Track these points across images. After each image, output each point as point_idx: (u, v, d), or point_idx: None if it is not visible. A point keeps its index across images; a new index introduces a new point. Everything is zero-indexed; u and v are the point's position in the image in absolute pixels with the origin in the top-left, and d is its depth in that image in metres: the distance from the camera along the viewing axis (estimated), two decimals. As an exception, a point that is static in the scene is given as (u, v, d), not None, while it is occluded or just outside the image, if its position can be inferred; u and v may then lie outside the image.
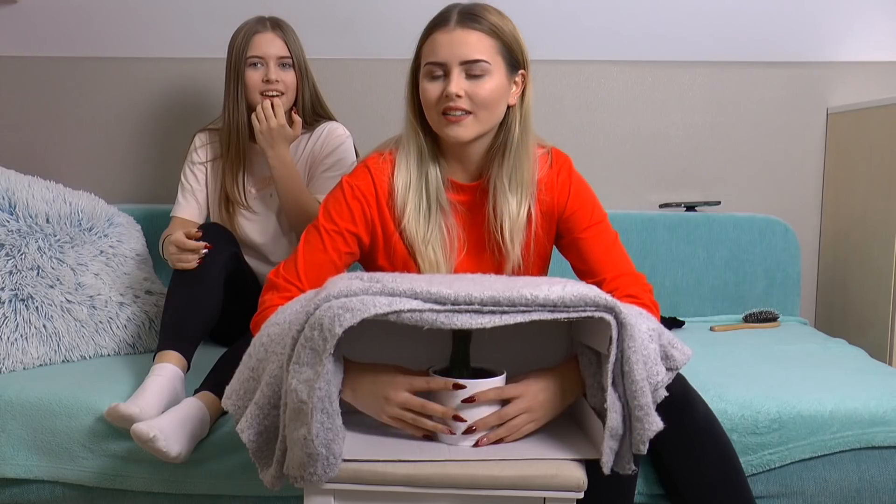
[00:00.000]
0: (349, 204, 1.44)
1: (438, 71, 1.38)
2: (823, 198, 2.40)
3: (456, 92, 1.36)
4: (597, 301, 1.12)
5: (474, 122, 1.39)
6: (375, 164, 1.46)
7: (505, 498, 1.16)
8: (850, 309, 2.27)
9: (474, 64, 1.36)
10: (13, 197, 1.79)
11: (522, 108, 1.44)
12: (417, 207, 1.44)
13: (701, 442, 1.36)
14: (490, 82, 1.38)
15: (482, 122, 1.40)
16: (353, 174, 1.47)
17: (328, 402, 1.10)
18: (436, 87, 1.38)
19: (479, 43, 1.37)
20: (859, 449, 1.50)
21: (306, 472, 1.11)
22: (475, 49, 1.37)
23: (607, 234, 1.51)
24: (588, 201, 1.52)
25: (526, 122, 1.45)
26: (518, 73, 1.43)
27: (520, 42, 1.42)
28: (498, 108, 1.41)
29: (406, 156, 1.45)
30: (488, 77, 1.37)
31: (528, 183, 1.46)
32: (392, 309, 1.08)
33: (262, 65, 1.86)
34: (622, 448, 1.16)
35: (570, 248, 1.52)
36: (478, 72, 1.37)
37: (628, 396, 1.13)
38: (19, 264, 1.76)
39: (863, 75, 2.33)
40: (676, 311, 2.22)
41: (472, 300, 1.10)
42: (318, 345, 1.08)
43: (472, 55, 1.36)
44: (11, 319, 1.72)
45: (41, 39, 2.31)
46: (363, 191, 1.44)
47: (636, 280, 1.46)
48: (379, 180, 1.45)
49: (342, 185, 1.46)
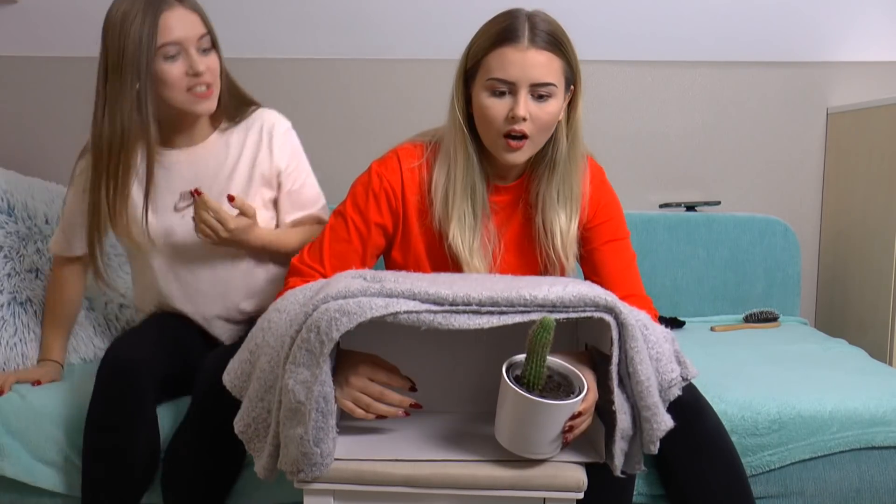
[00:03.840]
0: (377, 194, 1.42)
1: (503, 87, 1.32)
2: (823, 198, 2.40)
3: (523, 115, 1.31)
4: (596, 301, 1.12)
5: (531, 146, 1.36)
6: (406, 155, 1.44)
7: (505, 498, 1.16)
8: (850, 309, 2.27)
9: (543, 87, 1.32)
10: (12, 198, 1.78)
11: (571, 124, 1.40)
12: (463, 218, 1.40)
13: (709, 450, 1.35)
14: (554, 104, 1.34)
15: (537, 145, 1.37)
16: (383, 162, 1.44)
17: (323, 403, 1.11)
18: (501, 106, 1.32)
19: (550, 65, 1.32)
20: (859, 449, 1.50)
21: (299, 469, 1.12)
22: (548, 72, 1.31)
23: (626, 252, 1.50)
24: (615, 216, 1.51)
25: (575, 137, 1.41)
26: (570, 89, 1.39)
27: (576, 58, 1.37)
28: (552, 129, 1.38)
29: (451, 163, 1.40)
30: (552, 99, 1.33)
31: (577, 196, 1.43)
32: (389, 311, 1.09)
33: (181, 53, 1.44)
34: (632, 448, 1.17)
35: (586, 258, 1.51)
36: (544, 93, 1.32)
37: (635, 397, 1.13)
38: (18, 267, 1.75)
39: (863, 75, 2.33)
40: (676, 311, 2.22)
41: (471, 300, 1.10)
42: (314, 347, 1.09)
43: (544, 78, 1.31)
44: (10, 323, 1.70)
45: (41, 39, 2.31)
46: (391, 182, 1.42)
47: (644, 303, 1.45)
48: (408, 173, 1.42)
49: (371, 173, 1.43)
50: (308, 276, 1.40)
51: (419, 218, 1.44)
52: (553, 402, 1.10)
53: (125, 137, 1.43)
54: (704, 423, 1.36)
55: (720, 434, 1.38)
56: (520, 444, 1.15)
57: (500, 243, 1.46)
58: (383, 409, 1.19)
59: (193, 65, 1.44)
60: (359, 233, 1.42)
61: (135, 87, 1.41)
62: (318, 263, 1.41)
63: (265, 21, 2.24)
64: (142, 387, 1.36)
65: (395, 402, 1.20)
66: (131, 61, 1.39)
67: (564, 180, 1.42)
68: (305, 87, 2.32)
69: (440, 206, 1.40)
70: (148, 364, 1.38)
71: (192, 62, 1.44)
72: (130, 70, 1.40)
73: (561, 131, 1.40)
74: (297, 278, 1.41)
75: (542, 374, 1.11)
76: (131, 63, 1.40)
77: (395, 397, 1.20)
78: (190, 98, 1.46)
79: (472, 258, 1.41)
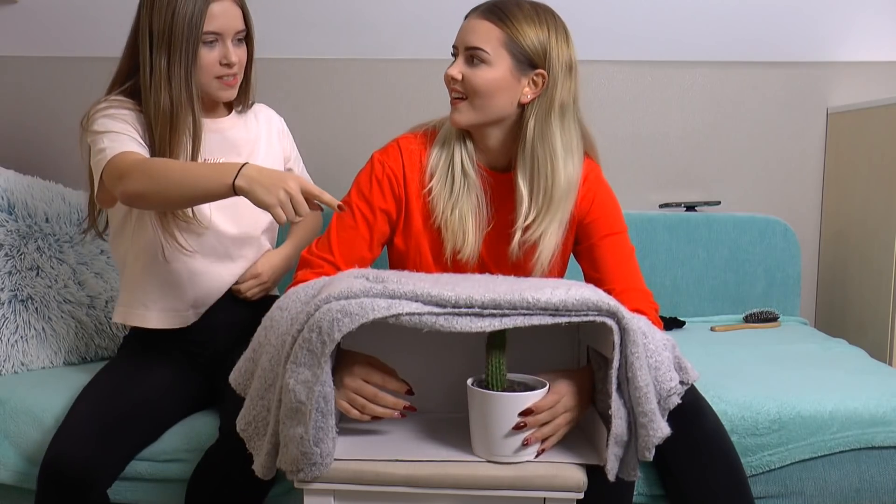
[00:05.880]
0: (380, 181, 1.47)
1: (455, 52, 1.43)
2: (823, 198, 2.40)
3: (452, 75, 1.40)
4: (599, 305, 1.12)
5: (468, 108, 1.41)
6: (407, 143, 1.50)
7: (505, 498, 1.16)
8: (850, 309, 2.27)
9: (473, 50, 1.39)
10: (12, 197, 1.79)
11: (541, 109, 1.41)
12: (444, 175, 1.46)
13: (709, 450, 1.36)
14: (488, 72, 1.38)
15: (476, 109, 1.41)
16: (385, 151, 1.51)
17: (324, 403, 1.11)
18: (450, 68, 1.42)
19: (486, 33, 1.38)
20: (859, 449, 1.50)
21: (298, 468, 1.12)
22: (479, 37, 1.39)
23: (625, 246, 1.51)
24: (611, 211, 1.52)
25: (545, 124, 1.41)
26: (534, 73, 1.40)
27: (543, 44, 1.39)
28: (495, 100, 1.40)
29: (442, 134, 1.49)
30: (486, 66, 1.38)
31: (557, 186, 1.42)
32: (391, 312, 1.09)
33: (219, 42, 1.50)
34: (627, 454, 1.16)
35: (585, 254, 1.52)
36: (476, 57, 1.39)
37: (633, 402, 1.13)
38: (18, 265, 1.76)
39: (863, 75, 2.33)
40: (676, 311, 2.22)
41: (473, 303, 1.10)
42: (316, 347, 1.09)
43: (473, 42, 1.39)
44: (11, 321, 1.71)
45: (41, 39, 2.31)
46: (392, 168, 1.48)
47: (644, 297, 1.45)
48: (409, 159, 1.48)
49: (373, 161, 1.50)
50: (318, 268, 1.44)
51: (420, 201, 1.48)
52: (492, 392, 1.15)
53: (175, 110, 1.48)
54: (704, 424, 1.36)
55: (719, 435, 1.38)
56: (479, 442, 1.18)
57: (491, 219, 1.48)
58: (379, 410, 1.21)
59: (228, 55, 1.50)
60: (365, 219, 1.46)
61: (184, 62, 1.47)
62: (328, 253, 1.45)
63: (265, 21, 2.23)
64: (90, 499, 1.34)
65: (389, 404, 1.21)
66: (181, 38, 1.45)
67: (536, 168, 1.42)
68: (304, 87, 2.32)
69: (429, 169, 1.47)
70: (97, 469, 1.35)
71: (227, 53, 1.50)
72: (180, 46, 1.45)
73: (529, 114, 1.41)
74: (307, 270, 1.44)
75: (501, 374, 1.17)
76: (180, 40, 1.45)
77: (389, 400, 1.21)
78: (217, 84, 1.53)
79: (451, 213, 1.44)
